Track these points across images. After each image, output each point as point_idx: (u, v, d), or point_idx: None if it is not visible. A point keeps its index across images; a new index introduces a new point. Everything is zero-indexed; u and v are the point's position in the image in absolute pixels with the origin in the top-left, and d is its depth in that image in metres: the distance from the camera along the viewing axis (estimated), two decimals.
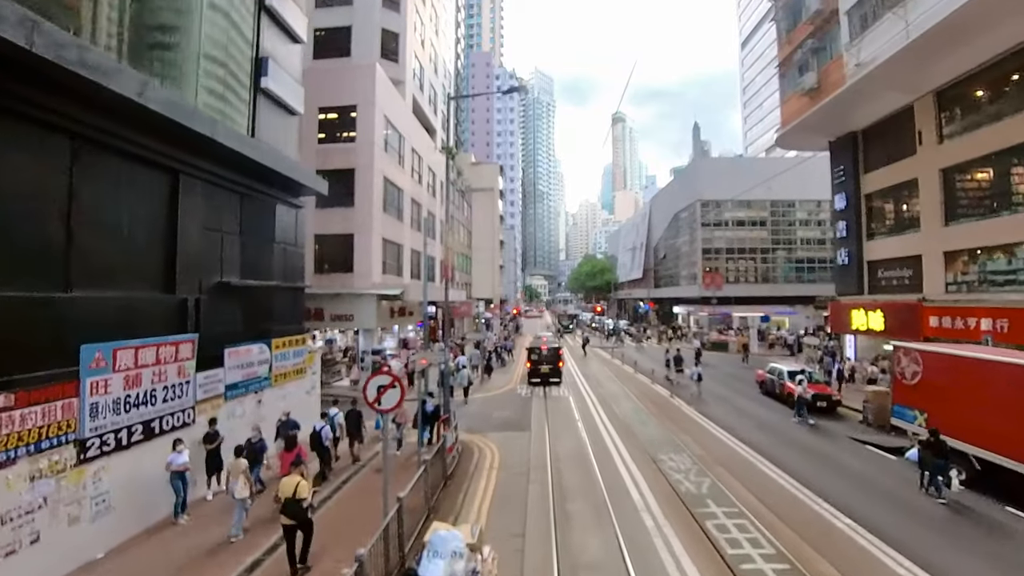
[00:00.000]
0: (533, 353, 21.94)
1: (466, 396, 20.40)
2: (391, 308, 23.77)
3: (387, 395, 7.00)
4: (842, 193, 24.15)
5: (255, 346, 12.04)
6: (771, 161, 57.32)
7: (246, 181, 12.70)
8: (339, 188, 22.89)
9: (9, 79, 7.01)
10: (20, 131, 7.43)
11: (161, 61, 10.32)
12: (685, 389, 21.31)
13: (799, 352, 37.97)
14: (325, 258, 22.73)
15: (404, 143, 27.16)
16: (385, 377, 7.02)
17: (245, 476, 8.66)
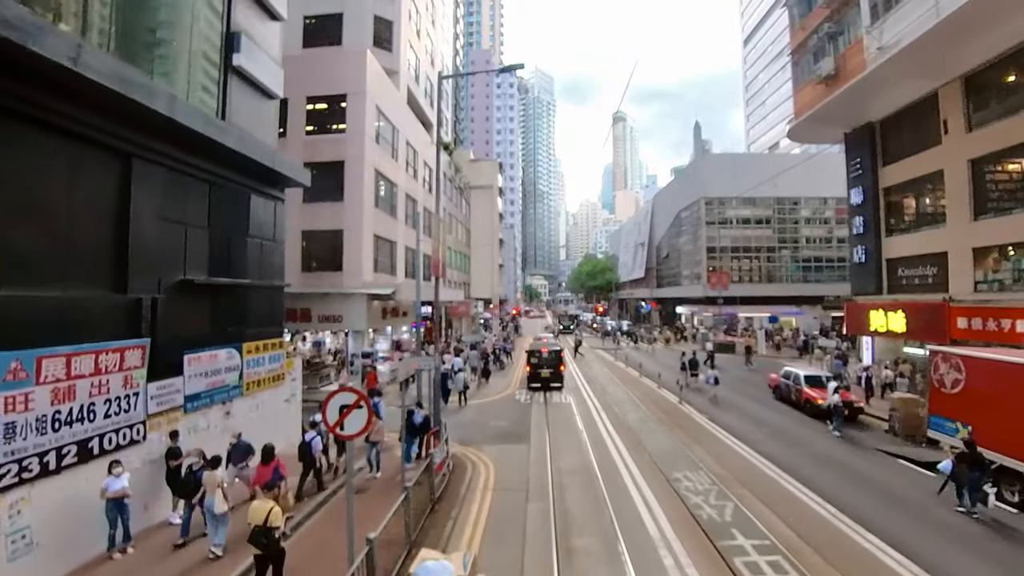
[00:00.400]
0: (533, 356, 20.69)
1: (463, 401, 19.23)
2: (383, 308, 22.54)
3: (351, 418, 5.70)
4: (858, 187, 22.91)
5: (222, 351, 10.80)
6: (777, 157, 56.22)
7: (215, 168, 11.46)
8: (328, 182, 21.70)
9: None
10: None
11: (117, 31, 9.09)
12: (699, 394, 20.06)
13: (809, 353, 36.81)
14: (313, 256, 21.51)
15: (398, 136, 25.93)
16: (348, 395, 5.74)
17: (222, 490, 7.81)
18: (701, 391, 21.23)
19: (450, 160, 40.52)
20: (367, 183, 21.48)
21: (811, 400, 17.39)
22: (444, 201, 38.15)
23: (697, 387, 22.07)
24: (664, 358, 32.66)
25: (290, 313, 20.76)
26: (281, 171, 13.21)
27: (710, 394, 19.95)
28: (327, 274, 21.07)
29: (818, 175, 46.80)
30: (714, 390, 19.98)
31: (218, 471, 8.12)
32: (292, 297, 20.67)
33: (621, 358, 30.75)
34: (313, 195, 21.44)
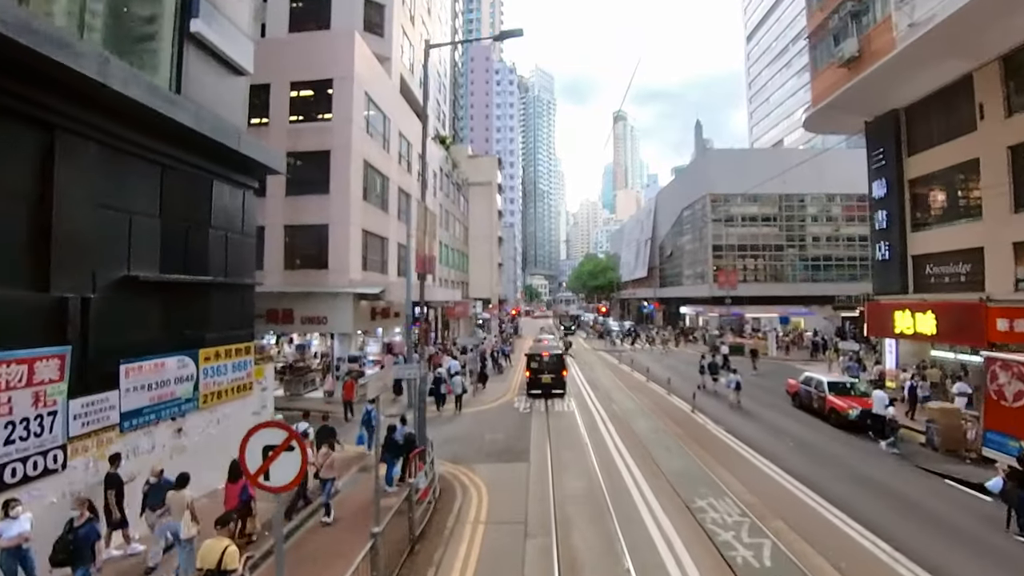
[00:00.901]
0: (533, 360, 19.20)
1: (459, 407, 17.87)
2: (372, 309, 21.06)
3: (279, 464, 4.09)
4: (881, 179, 21.42)
5: (172, 359, 9.32)
6: (785, 153, 54.68)
7: (168, 149, 9.98)
8: (313, 173, 20.27)
9: None
10: None
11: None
12: (715, 401, 18.56)
13: (820, 353, 35.33)
14: (297, 252, 20.05)
15: (389, 126, 24.45)
16: (276, 433, 4.17)
17: (191, 512, 7.00)
18: (720, 396, 19.90)
19: (447, 155, 39.06)
20: (354, 174, 20.00)
21: (837, 409, 15.90)
22: (440, 197, 36.69)
23: (716, 391, 20.77)
24: (671, 361, 31.17)
25: (271, 314, 19.35)
26: (249, 155, 11.71)
27: (731, 399, 18.61)
28: (311, 272, 19.61)
29: (826, 171, 45.38)
30: (735, 395, 18.63)
31: (186, 491, 7.23)
32: (274, 297, 19.26)
33: (626, 361, 29.25)
34: (297, 187, 20.02)
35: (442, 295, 30.80)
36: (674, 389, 20.35)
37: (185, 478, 7.50)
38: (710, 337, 37.77)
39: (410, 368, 11.25)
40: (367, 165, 21.45)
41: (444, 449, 12.90)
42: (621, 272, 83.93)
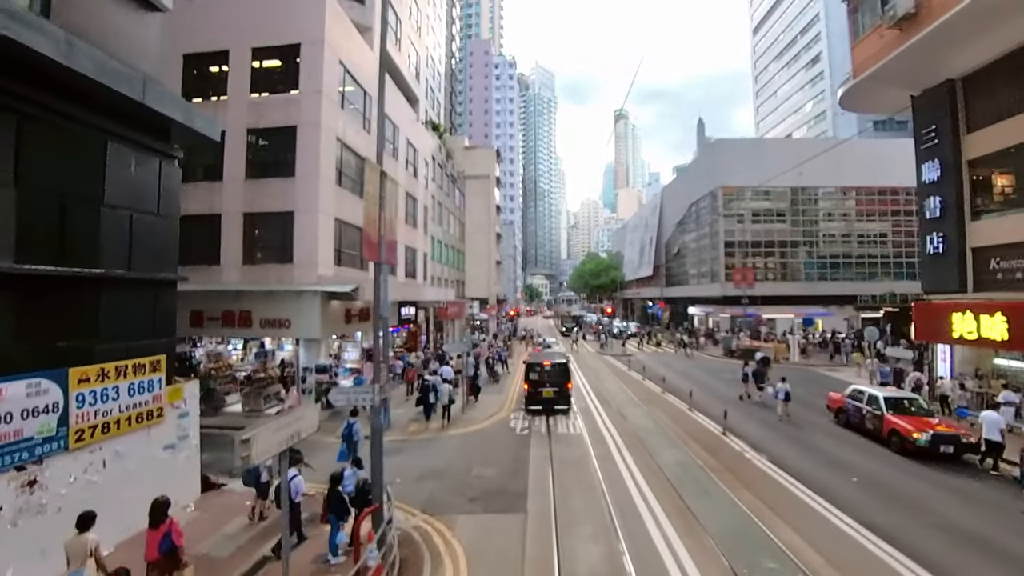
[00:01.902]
0: (532, 371, 16.38)
1: (446, 420, 15.57)
2: (347, 311, 18.28)
3: None
4: (932, 161, 18.60)
5: (15, 384, 6.55)
6: (800, 143, 51.81)
7: (29, 92, 7.24)
8: (277, 153, 17.54)
9: None
10: None
11: None
12: (748, 418, 15.75)
13: (841, 356, 32.55)
14: (257, 244, 17.28)
15: (371, 104, 21.66)
16: None
17: (97, 561, 5.77)
18: (757, 411, 17.46)
19: (440, 144, 36.30)
20: (325, 154, 17.23)
21: (900, 433, 13.10)
22: (433, 189, 33.92)
23: (763, 401, 18.68)
24: (685, 367, 28.35)
25: (226, 316, 16.60)
26: (159, 110, 8.95)
27: (779, 412, 16.41)
28: (274, 267, 16.85)
29: (844, 163, 42.64)
30: (783, 407, 16.36)
31: (90, 533, 5.86)
32: (230, 297, 16.52)
33: (637, 368, 26.41)
34: (259, 169, 17.29)
35: (432, 294, 28.05)
36: (697, 404, 17.54)
37: (88, 518, 5.95)
38: (724, 340, 34.93)
39: (358, 392, 8.48)
40: (342, 145, 18.69)
41: (418, 489, 10.14)
42: (624, 271, 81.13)
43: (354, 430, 11.24)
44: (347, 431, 11.28)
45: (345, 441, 11.15)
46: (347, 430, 11.30)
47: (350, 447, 11.00)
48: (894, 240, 44.25)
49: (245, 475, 9.05)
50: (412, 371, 18.73)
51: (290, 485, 7.69)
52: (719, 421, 15.20)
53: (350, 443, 11.03)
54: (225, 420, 16.08)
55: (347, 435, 11.24)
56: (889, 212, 44.35)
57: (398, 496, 9.71)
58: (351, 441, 11.07)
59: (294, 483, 8.11)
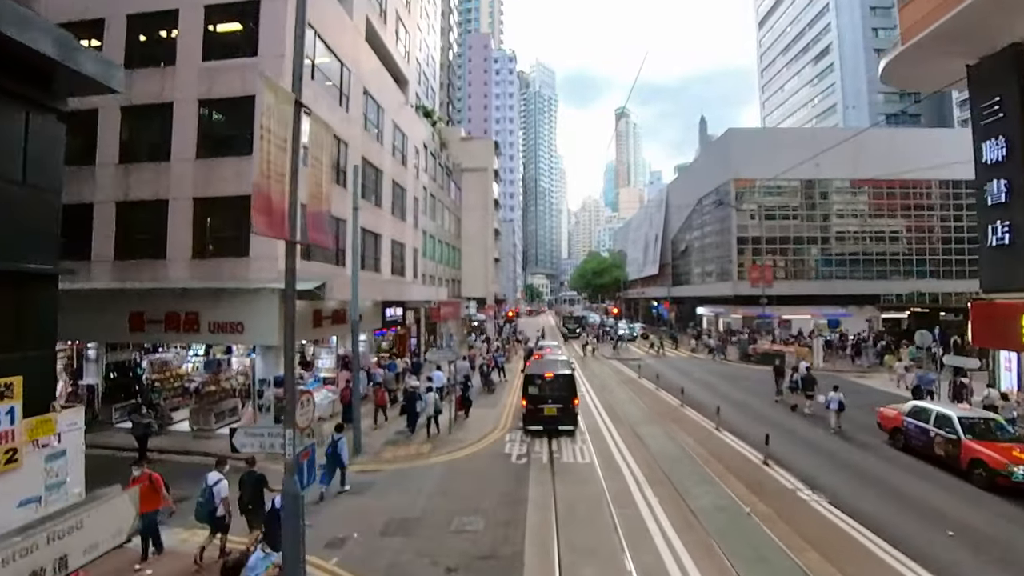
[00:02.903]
0: (532, 384, 13.79)
1: (435, 429, 13.86)
2: (317, 312, 15.74)
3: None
4: (996, 138, 16.04)
5: None
6: (818, 133, 49.08)
7: None
8: (232, 126, 15.04)
9: None
10: None
11: None
12: (792, 443, 13.17)
13: (858, 358, 30.00)
14: (210, 235, 14.75)
15: (349, 79, 19.15)
16: None
17: None
18: (815, 418, 15.70)
19: (433, 133, 33.77)
20: (287, 129, 14.65)
21: (987, 464, 10.53)
22: (426, 180, 31.42)
23: (812, 411, 16.77)
24: (704, 374, 25.78)
25: (170, 319, 14.08)
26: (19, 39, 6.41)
27: (832, 423, 14.79)
28: (228, 261, 14.33)
29: (863, 156, 40.10)
30: (836, 418, 14.74)
31: None
32: (174, 296, 13.98)
33: (648, 375, 23.82)
34: (212, 147, 14.77)
35: (420, 293, 25.49)
36: (726, 422, 14.93)
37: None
38: (741, 343, 32.36)
39: (270, 434, 5.99)
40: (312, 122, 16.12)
41: (378, 552, 7.61)
42: (628, 270, 78.60)
43: (339, 447, 9.98)
44: (331, 449, 9.91)
45: (328, 460, 9.85)
46: (331, 448, 9.93)
47: (335, 467, 9.96)
48: (917, 236, 41.65)
49: (198, 509, 7.59)
50: (381, 391, 15.99)
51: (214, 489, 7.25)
52: (756, 444, 12.67)
53: (334, 463, 9.91)
54: (171, 442, 13.60)
55: (331, 454, 9.92)
56: (912, 207, 41.74)
57: (350, 562, 7.18)
58: (337, 461, 9.95)
59: (217, 488, 7.37)
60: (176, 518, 8.23)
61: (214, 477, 7.53)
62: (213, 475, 7.56)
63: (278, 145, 5.50)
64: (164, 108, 14.99)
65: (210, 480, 7.48)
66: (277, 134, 5.50)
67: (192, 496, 7.91)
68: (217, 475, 7.59)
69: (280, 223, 5.47)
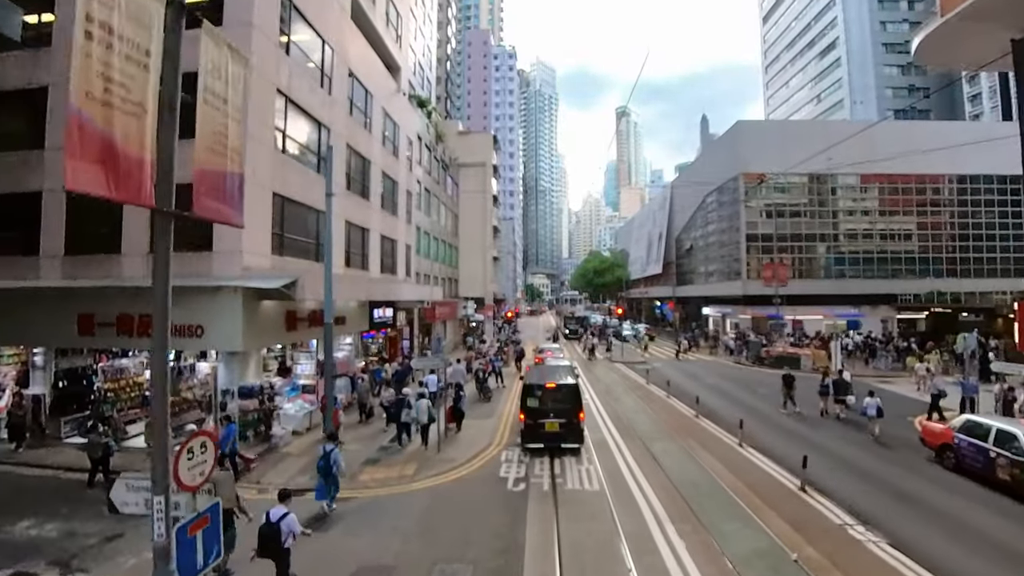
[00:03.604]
0: (531, 395, 12.12)
1: (426, 438, 12.46)
2: (289, 314, 14.08)
3: None
4: None
5: None
6: (831, 126, 47.25)
7: None
8: (192, 104, 13.35)
9: None
10: None
11: None
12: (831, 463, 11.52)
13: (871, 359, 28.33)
14: None
15: (332, 58, 17.53)
16: None
17: None
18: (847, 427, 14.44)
19: (428, 124, 32.15)
20: (258, 108, 13.04)
21: None
22: (420, 174, 29.80)
23: (844, 416, 15.86)
24: (717, 380, 24.13)
25: (123, 321, 12.46)
26: None
27: (871, 430, 13.94)
28: (190, 257, 12.65)
29: (878, 150, 38.42)
30: (874, 425, 13.93)
31: None
32: (128, 296, 12.36)
33: (657, 382, 22.18)
34: None
35: (412, 293, 23.84)
36: (750, 436, 13.26)
37: None
38: (752, 345, 30.70)
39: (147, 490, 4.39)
40: (287, 102, 14.54)
41: None
42: (630, 269, 76.96)
43: (332, 459, 8.93)
44: (323, 462, 8.95)
45: (321, 475, 8.97)
46: (323, 460, 8.96)
47: (328, 483, 9.00)
48: (934, 233, 39.96)
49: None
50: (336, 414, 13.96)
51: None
52: (787, 464, 11.05)
53: (328, 477, 8.97)
54: (124, 460, 11.94)
55: (323, 467, 8.93)
56: (927, 202, 40.05)
57: None
58: (329, 473, 8.96)
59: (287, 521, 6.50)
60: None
61: (279, 511, 6.62)
62: (278, 509, 6.66)
63: (128, 56, 3.80)
64: None
65: (273, 514, 6.59)
66: (125, 37, 3.72)
67: None
68: (283, 508, 6.70)
69: (129, 179, 3.80)
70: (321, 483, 8.99)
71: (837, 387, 16.80)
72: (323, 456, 8.95)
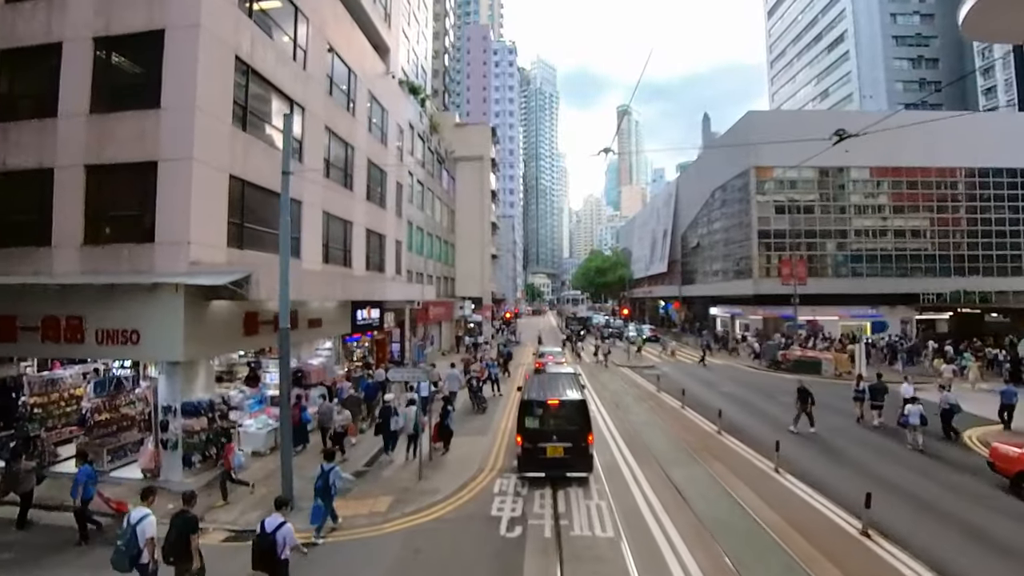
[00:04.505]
0: (530, 414, 10.13)
1: (411, 455, 11.15)
2: (249, 316, 12.14)
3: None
4: None
5: None
6: (848, 116, 45.14)
7: None
8: (135, 72, 11.55)
9: None
10: None
11: None
12: (896, 497, 9.61)
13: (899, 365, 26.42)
14: (105, 213, 11.20)
15: (306, 28, 15.61)
16: None
17: None
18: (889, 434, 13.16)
19: (422, 112, 30.24)
20: (210, 74, 11.13)
21: None
22: (412, 164, 27.89)
23: (882, 423, 14.73)
24: (734, 387, 22.19)
25: (48, 325, 10.55)
26: None
27: (912, 441, 12.81)
28: (130, 249, 10.77)
29: (897, 143, 36.45)
30: (918, 435, 12.75)
31: None
32: (54, 296, 10.47)
33: (670, 389, 20.26)
34: (109, 98, 11.20)
35: (400, 292, 21.89)
36: (786, 459, 11.30)
37: None
38: (768, 348, 28.76)
39: None
40: (248, 70, 12.61)
41: None
42: (633, 268, 75.02)
43: (332, 477, 8.16)
44: (320, 482, 8.14)
45: (318, 496, 8.18)
46: (320, 481, 8.15)
47: (326, 501, 8.19)
48: (955, 229, 37.97)
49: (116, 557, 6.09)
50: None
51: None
52: (835, 495, 9.17)
53: (326, 499, 8.19)
54: (52, 490, 10.06)
55: (321, 488, 8.13)
56: (949, 197, 38.05)
57: None
58: (327, 494, 8.17)
59: (142, 526, 6.04)
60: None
61: (139, 513, 6.23)
62: (138, 511, 6.27)
63: None
64: (50, 51, 11.45)
65: (133, 517, 6.18)
66: None
67: None
68: (143, 510, 6.27)
69: None
70: (318, 505, 8.16)
71: (874, 392, 15.37)
72: (320, 476, 8.15)
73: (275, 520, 6.10)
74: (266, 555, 5.92)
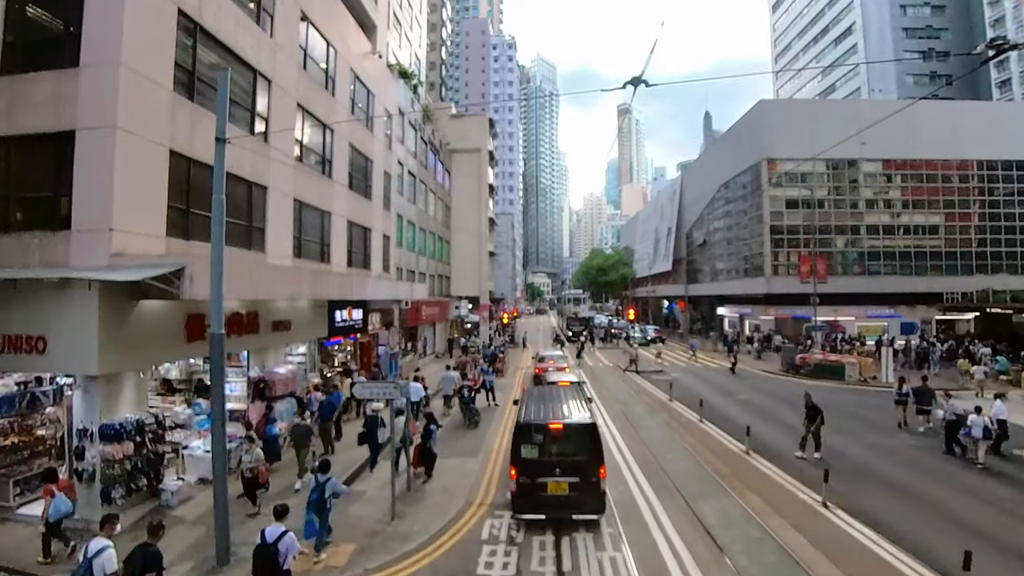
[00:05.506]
0: (527, 440, 8.15)
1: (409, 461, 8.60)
2: (193, 318, 10.21)
3: None
4: None
5: None
6: (862, 106, 43.09)
7: None
8: (53, 25, 9.65)
9: None
10: None
11: None
12: (961, 531, 7.73)
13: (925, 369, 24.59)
14: (13, 195, 9.30)
15: None
16: None
17: None
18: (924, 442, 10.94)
19: (413, 99, 28.34)
20: (142, 27, 9.21)
21: None
22: (402, 154, 26.01)
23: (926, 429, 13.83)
24: (752, 396, 20.30)
25: None
26: None
27: (973, 455, 11.43)
28: (43, 237, 8.86)
29: (916, 134, 34.66)
30: (981, 449, 11.30)
31: None
32: None
33: (685, 399, 18.35)
34: (21, 57, 9.28)
35: (385, 291, 19.95)
36: (836, 492, 9.36)
37: None
38: (786, 351, 26.87)
39: None
40: (195, 28, 10.70)
41: None
42: (636, 267, 73.11)
43: (327, 489, 7.36)
44: (315, 495, 7.37)
45: (311, 509, 7.34)
46: (315, 494, 7.37)
47: (320, 514, 7.35)
48: (978, 225, 36.07)
49: None
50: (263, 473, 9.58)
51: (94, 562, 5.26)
52: (900, 538, 7.32)
53: (321, 514, 7.36)
54: None
55: (316, 501, 7.34)
56: (971, 190, 36.13)
57: None
58: (323, 507, 7.35)
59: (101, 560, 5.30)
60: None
61: (97, 544, 5.48)
62: (97, 542, 5.53)
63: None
64: None
65: (91, 548, 5.43)
66: None
67: None
68: (102, 541, 5.55)
69: None
70: (312, 520, 7.34)
71: (919, 396, 14.19)
72: (316, 488, 7.43)
73: (276, 530, 5.87)
74: (268, 567, 5.72)
